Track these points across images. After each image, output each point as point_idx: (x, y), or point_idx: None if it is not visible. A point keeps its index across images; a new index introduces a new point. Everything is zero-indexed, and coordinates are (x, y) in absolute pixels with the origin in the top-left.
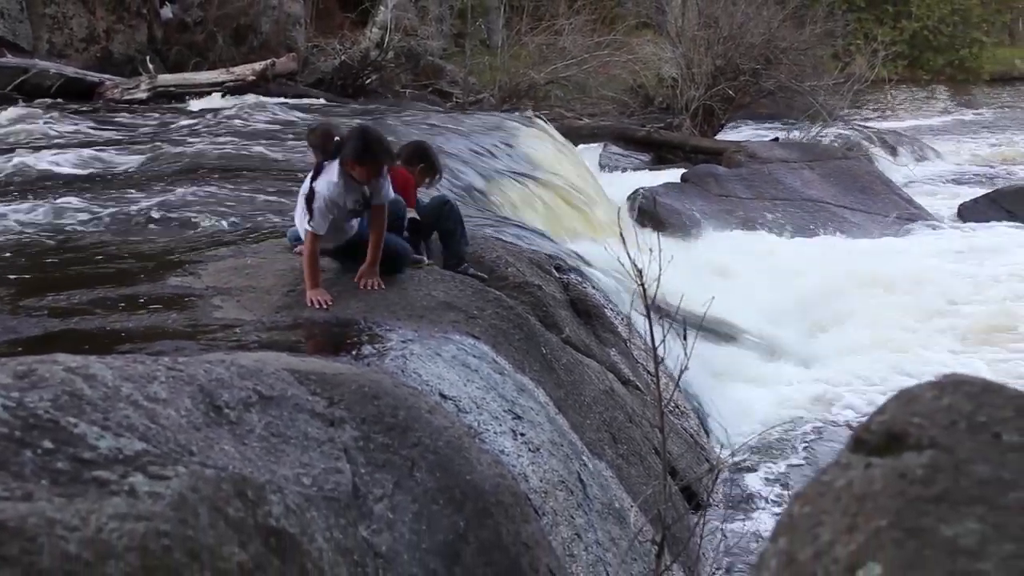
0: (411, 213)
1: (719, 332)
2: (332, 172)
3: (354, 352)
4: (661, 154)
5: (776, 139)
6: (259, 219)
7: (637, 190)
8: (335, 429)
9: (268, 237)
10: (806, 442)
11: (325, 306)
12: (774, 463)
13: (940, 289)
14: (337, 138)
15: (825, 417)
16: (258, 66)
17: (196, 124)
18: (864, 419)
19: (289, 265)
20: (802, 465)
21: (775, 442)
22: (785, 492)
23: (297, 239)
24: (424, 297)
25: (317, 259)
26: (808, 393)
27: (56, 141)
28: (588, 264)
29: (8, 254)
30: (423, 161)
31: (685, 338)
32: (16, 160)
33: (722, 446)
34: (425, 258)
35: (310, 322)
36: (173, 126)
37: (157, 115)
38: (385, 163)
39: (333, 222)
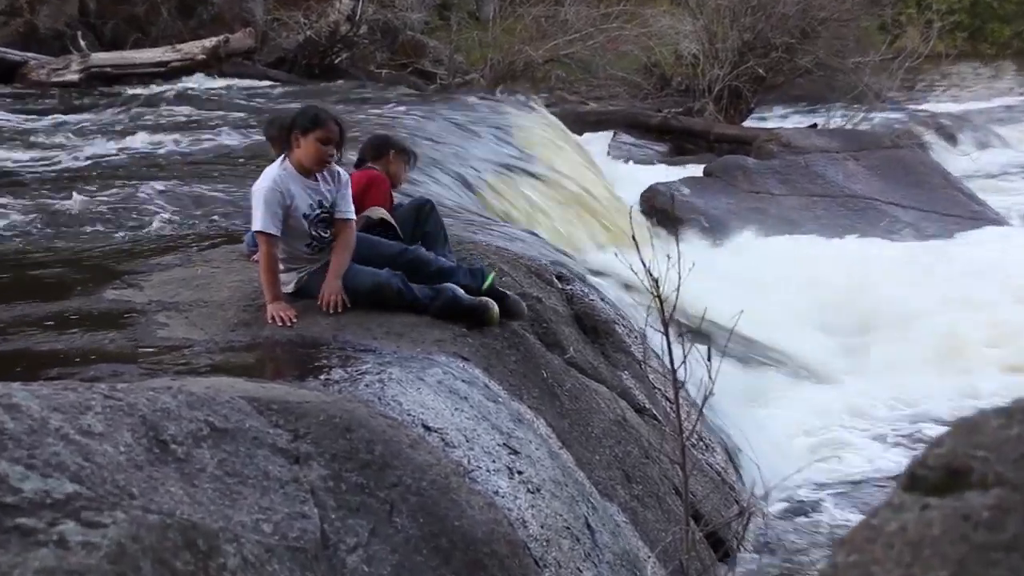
0: (380, 213)
1: (750, 351)
2: (275, 163)
3: (323, 377)
4: (680, 144)
5: (814, 125)
6: (211, 222)
7: (652, 186)
8: (300, 467)
9: (222, 243)
10: (852, 480)
11: (288, 322)
12: (815, 504)
13: (1009, 300)
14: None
15: (874, 450)
16: (209, 43)
17: (136, 111)
18: (920, 452)
19: (246, 275)
20: (848, 506)
21: (816, 480)
22: (829, 538)
23: (255, 245)
24: (404, 312)
25: (276, 267)
26: (854, 422)
27: None
28: (595, 273)
29: None
30: (391, 148)
31: (710, 359)
32: None
33: (754, 485)
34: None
35: (271, 342)
36: (109, 113)
37: (90, 100)
38: (336, 128)
39: (291, 233)
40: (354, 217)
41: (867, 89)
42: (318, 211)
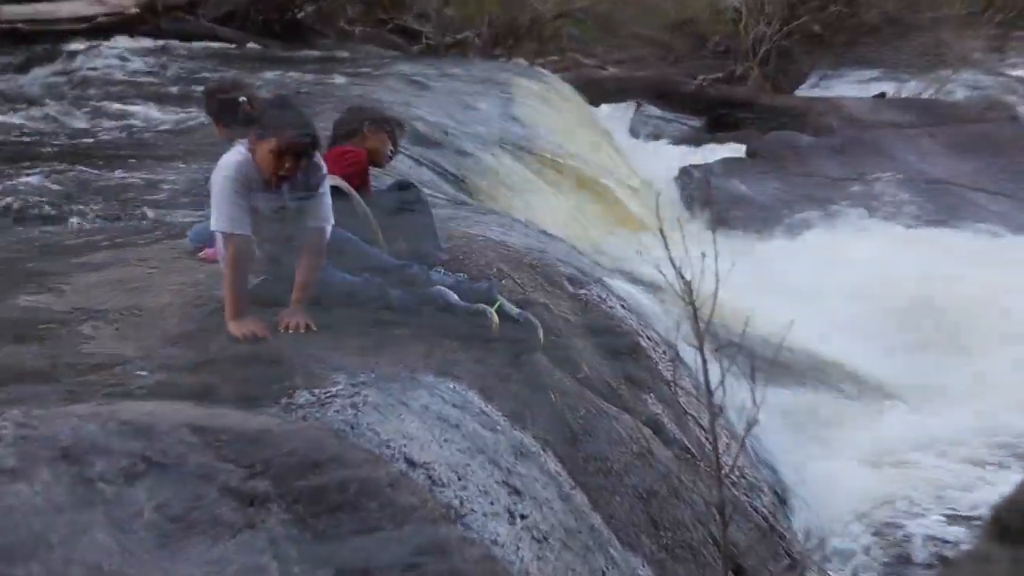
0: (335, 181)
1: (802, 370)
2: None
3: (284, 401)
4: (718, 117)
5: (882, 95)
6: (146, 212)
7: (684, 169)
8: (257, 511)
9: (159, 237)
10: (927, 526)
11: (262, 338)
12: (882, 556)
13: None
14: (243, 99)
15: (953, 490)
16: None
17: (54, 77)
18: (1008, 493)
19: (190, 277)
20: (923, 558)
21: (883, 526)
22: None
23: (203, 239)
24: (382, 322)
25: (244, 276)
26: (928, 455)
27: None
28: (615, 274)
29: None
30: (365, 120)
31: (754, 379)
32: None
33: (809, 533)
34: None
35: (221, 358)
36: (23, 82)
37: None
38: (298, 143)
39: (259, 226)
40: (328, 225)
41: (947, 50)
42: (278, 216)
